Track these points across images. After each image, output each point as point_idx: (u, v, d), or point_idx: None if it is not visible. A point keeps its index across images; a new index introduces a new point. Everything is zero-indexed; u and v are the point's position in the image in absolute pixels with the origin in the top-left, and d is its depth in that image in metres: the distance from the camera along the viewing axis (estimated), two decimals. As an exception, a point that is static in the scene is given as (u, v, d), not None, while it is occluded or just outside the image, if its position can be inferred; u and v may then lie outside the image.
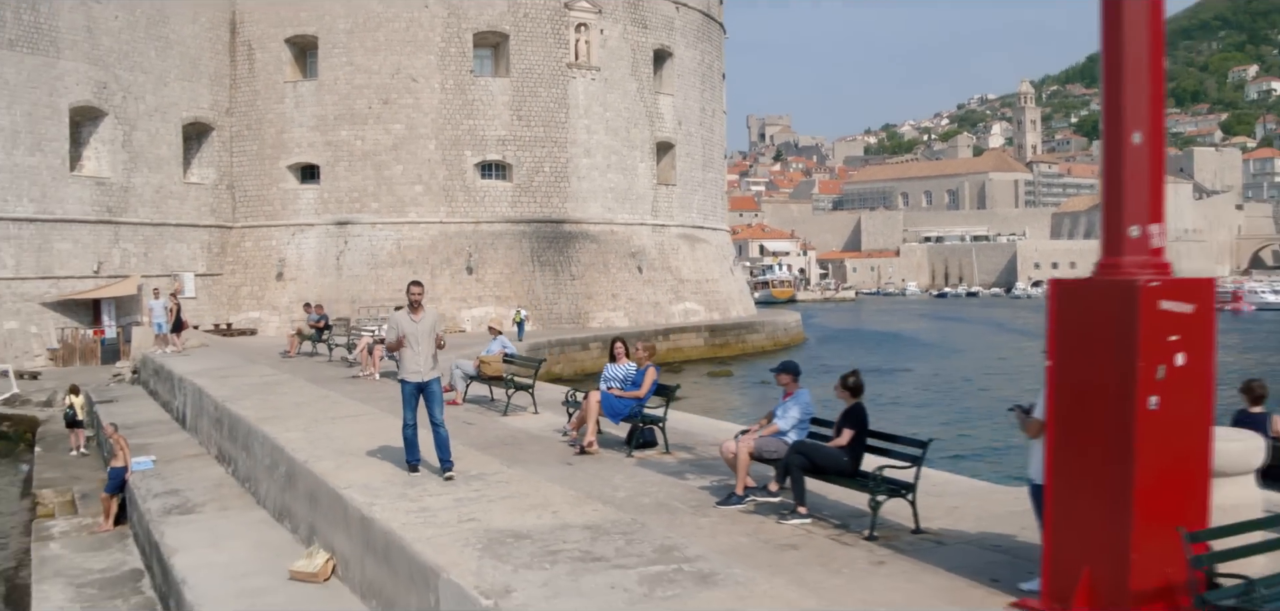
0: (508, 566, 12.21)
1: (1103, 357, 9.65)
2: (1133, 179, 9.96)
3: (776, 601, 10.91)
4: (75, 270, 66.83)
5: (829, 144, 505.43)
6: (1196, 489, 9.67)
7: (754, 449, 14.96)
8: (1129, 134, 9.95)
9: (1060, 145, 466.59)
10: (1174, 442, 9.42)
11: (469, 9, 75.89)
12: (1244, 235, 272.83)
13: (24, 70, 63.64)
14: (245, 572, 16.71)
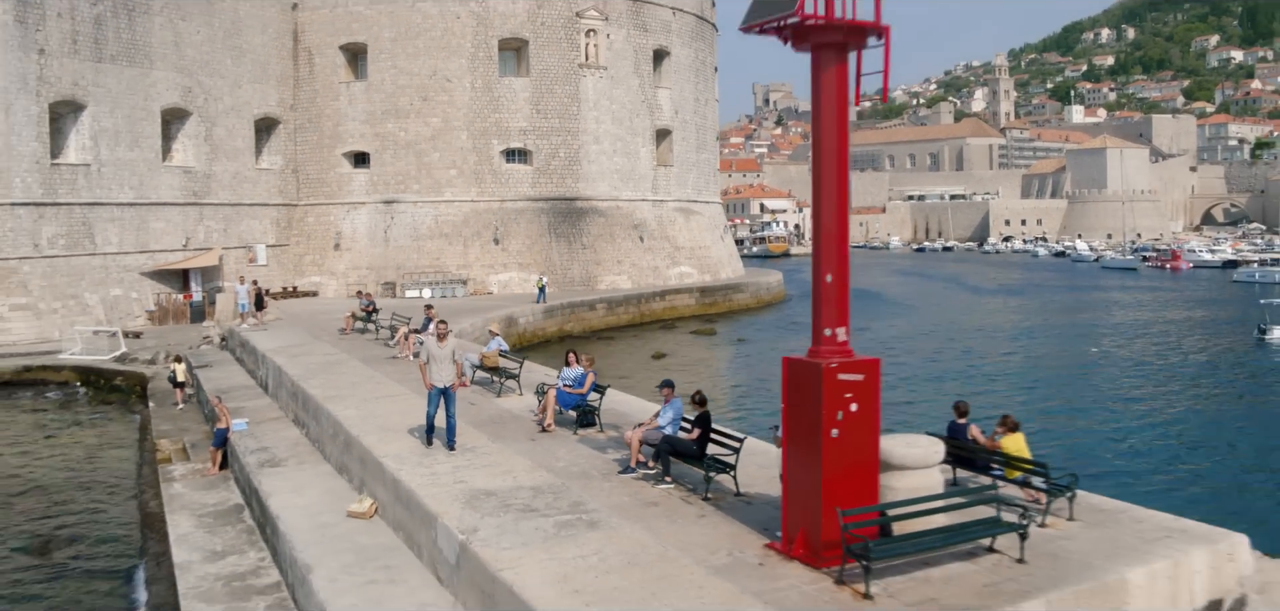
0: (478, 514, 17.67)
1: (810, 405, 14.88)
2: (826, 303, 15.26)
3: (628, 540, 16.26)
4: (167, 245, 72.45)
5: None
6: (866, 482, 14.92)
7: (642, 437, 20.25)
8: (824, 276, 15.24)
9: (1036, 108, 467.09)
10: (848, 456, 14.60)
11: (495, 19, 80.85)
12: (1197, 195, 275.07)
13: (124, 80, 69.09)
14: (318, 511, 22.17)
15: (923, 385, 52.54)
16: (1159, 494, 29.77)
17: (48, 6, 64.47)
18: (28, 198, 63.65)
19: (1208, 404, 47.53)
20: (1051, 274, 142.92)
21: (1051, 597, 13.03)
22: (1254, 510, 29.81)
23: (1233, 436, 40.36)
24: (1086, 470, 31.03)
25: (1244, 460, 36.43)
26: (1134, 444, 38.61)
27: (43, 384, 54.67)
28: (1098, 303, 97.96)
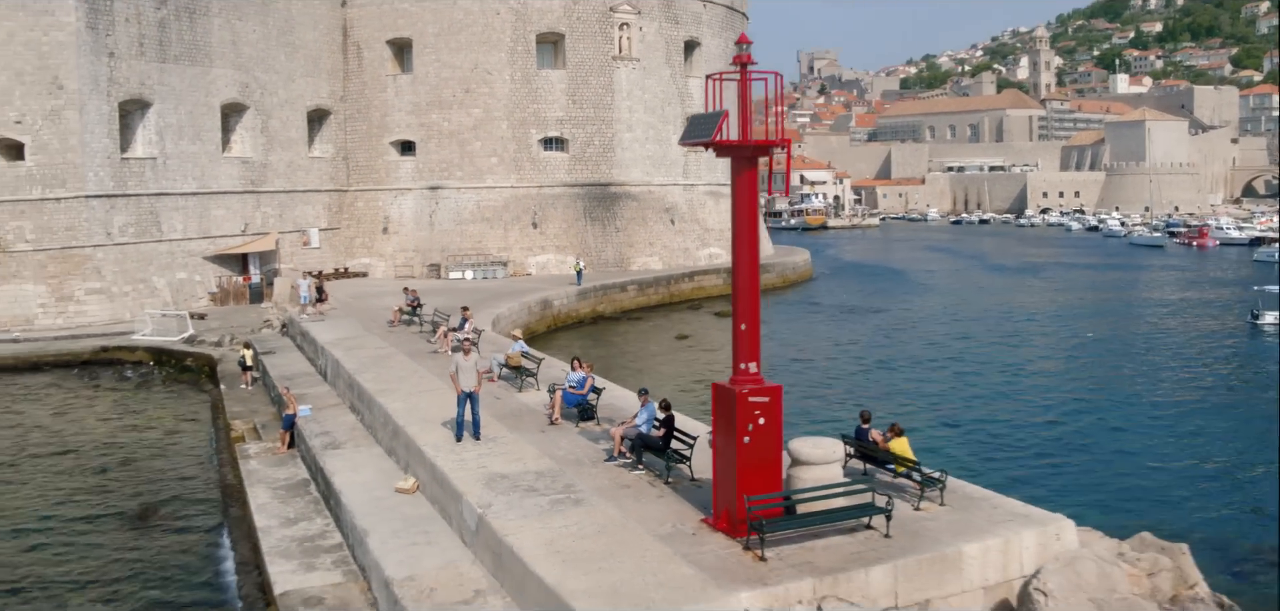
0: (493, 493, 22.56)
1: (729, 419, 19.57)
2: (742, 344, 19.86)
3: (601, 514, 21.09)
4: (227, 230, 77.96)
5: (869, 77, 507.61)
6: (771, 475, 19.55)
7: (622, 434, 25.02)
8: (740, 324, 19.93)
9: (1082, 77, 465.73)
10: (756, 457, 19.25)
11: (532, 14, 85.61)
12: (1238, 167, 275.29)
13: (186, 78, 74.49)
14: (371, 486, 27.12)
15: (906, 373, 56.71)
16: (1047, 485, 33.76)
17: (117, 12, 69.85)
18: (100, 190, 69.18)
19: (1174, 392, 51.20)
20: (1078, 250, 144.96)
21: (899, 564, 17.73)
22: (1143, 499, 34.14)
23: (1174, 427, 44.09)
24: (991, 463, 35.74)
25: (1165, 454, 40.29)
26: (1057, 436, 41.66)
27: (119, 363, 60.27)
28: (1112, 283, 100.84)
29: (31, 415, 48.03)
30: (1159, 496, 33.42)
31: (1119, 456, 38.20)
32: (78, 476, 36.83)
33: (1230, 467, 37.30)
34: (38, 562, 28.28)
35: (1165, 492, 33.89)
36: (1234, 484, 35.29)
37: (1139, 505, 31.93)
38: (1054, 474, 35.82)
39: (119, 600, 25.38)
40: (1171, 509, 32.02)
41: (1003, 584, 18.62)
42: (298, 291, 61.63)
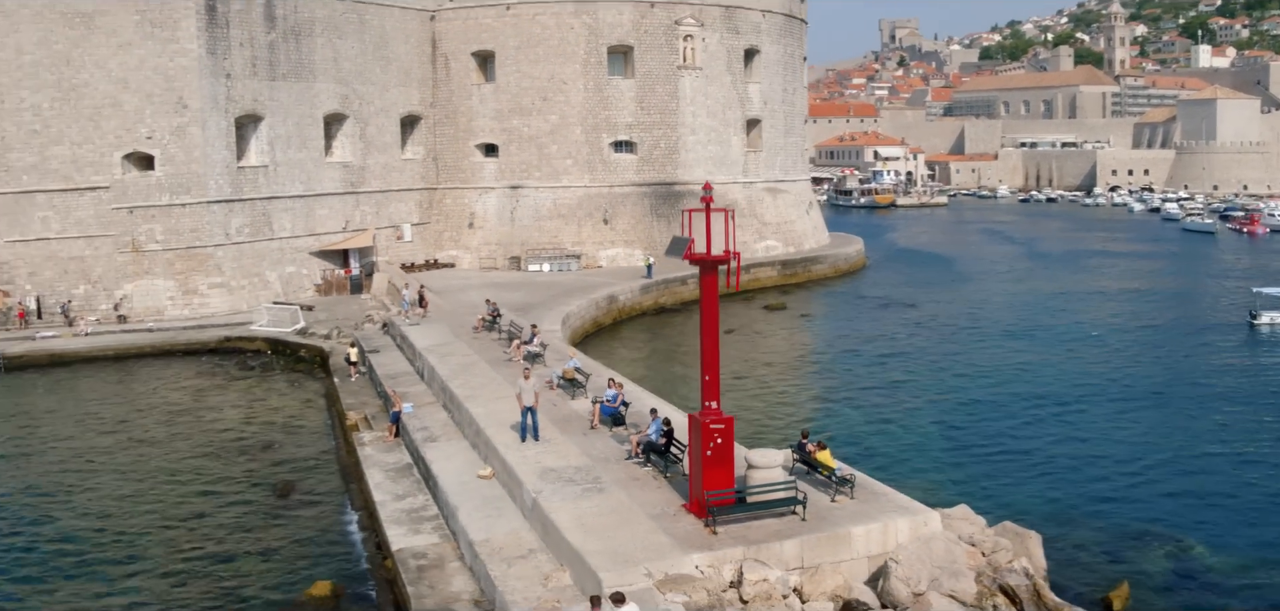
0: (544, 482, 31.56)
1: (697, 438, 28.11)
2: (707, 389, 28.59)
3: (616, 499, 29.96)
4: (330, 228, 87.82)
5: (947, 49, 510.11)
6: (725, 476, 28.00)
7: (638, 440, 33.78)
8: (706, 376, 28.61)
9: (1165, 46, 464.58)
10: (715, 464, 27.74)
11: (604, 29, 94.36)
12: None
13: (293, 93, 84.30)
14: (460, 472, 36.15)
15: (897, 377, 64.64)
16: (979, 483, 41.13)
17: (232, 38, 79.73)
18: (220, 196, 79.29)
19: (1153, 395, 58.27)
20: (1129, 236, 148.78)
21: (806, 539, 26.38)
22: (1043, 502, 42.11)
23: (1143, 430, 51.66)
24: (905, 466, 43.34)
25: (1120, 457, 48.03)
26: (1010, 440, 48.23)
27: (241, 352, 70.29)
28: (1146, 273, 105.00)
29: (176, 400, 58.04)
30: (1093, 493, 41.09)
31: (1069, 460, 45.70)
32: (225, 457, 46.50)
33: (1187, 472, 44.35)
34: (205, 526, 37.85)
35: (1101, 489, 41.54)
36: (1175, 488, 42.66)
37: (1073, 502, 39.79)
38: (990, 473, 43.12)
39: (274, 555, 34.76)
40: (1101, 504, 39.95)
41: (881, 554, 27.07)
42: (400, 295, 70.32)
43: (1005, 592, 25.36)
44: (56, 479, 44.63)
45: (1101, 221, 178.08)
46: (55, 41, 76.80)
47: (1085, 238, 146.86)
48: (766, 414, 52.49)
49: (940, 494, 38.11)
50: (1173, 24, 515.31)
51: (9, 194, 77.86)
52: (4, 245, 78.75)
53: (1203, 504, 39.03)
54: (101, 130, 77.41)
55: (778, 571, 25.11)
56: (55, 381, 64.30)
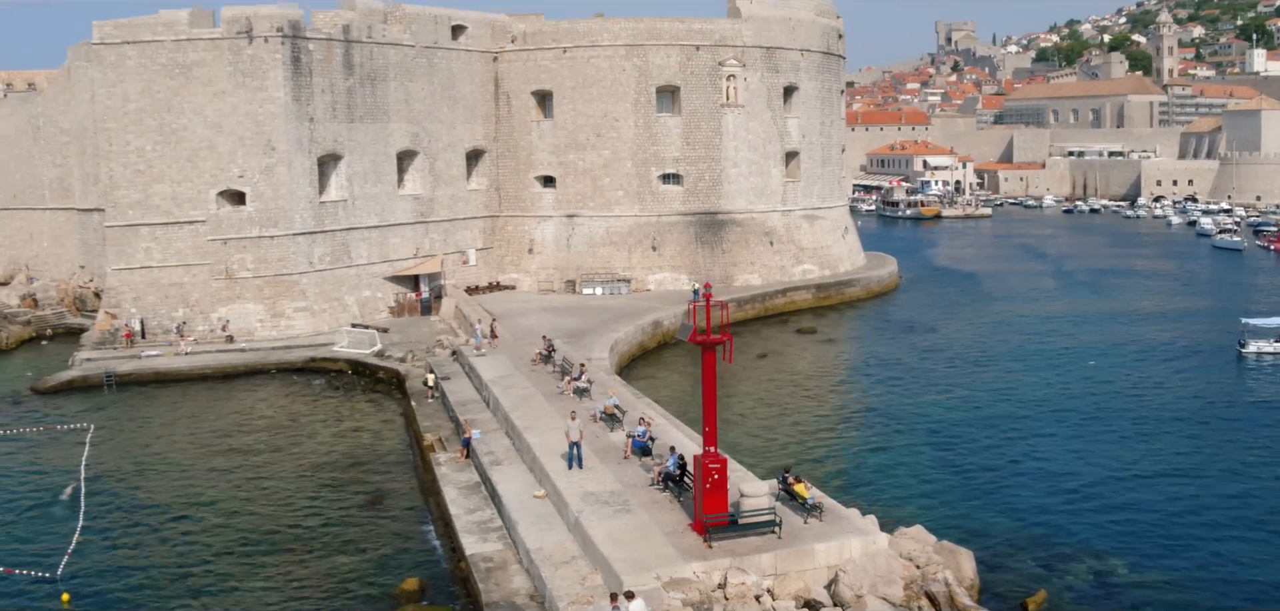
0: (584, 503, 39.95)
1: (699, 473, 36.45)
2: (707, 437, 36.97)
3: (639, 518, 38.28)
4: (402, 254, 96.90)
5: (1001, 54, 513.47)
6: (722, 502, 36.18)
7: (660, 470, 41.99)
8: (707, 426, 36.95)
9: (1222, 48, 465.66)
10: (712, 493, 35.90)
11: (653, 70, 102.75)
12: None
13: (369, 133, 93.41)
14: (519, 492, 44.64)
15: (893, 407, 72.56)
16: (925, 503, 49.69)
17: (315, 86, 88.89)
18: (304, 228, 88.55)
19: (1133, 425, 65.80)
20: (1158, 253, 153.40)
21: (779, 552, 34.61)
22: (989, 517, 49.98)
23: (1122, 460, 59.38)
24: (887, 489, 51.28)
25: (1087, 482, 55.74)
26: (973, 464, 58.13)
27: (324, 371, 79.35)
28: (1164, 292, 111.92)
29: (273, 418, 67.18)
30: (1044, 513, 49.00)
31: (1030, 483, 53.64)
32: (322, 470, 55.50)
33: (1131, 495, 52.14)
34: (310, 530, 46.75)
35: (1052, 509, 49.40)
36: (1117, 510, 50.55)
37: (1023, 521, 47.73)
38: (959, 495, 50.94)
39: (370, 555, 43.51)
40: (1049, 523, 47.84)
41: (836, 565, 35.19)
42: (473, 327, 78.58)
43: (929, 597, 33.51)
44: (179, 488, 53.93)
45: (1136, 235, 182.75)
46: (157, 90, 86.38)
47: (1113, 254, 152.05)
48: (778, 438, 60.61)
49: (907, 513, 46.11)
50: (1230, 25, 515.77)
51: (116, 227, 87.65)
52: (112, 273, 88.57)
53: (1136, 525, 46.55)
54: (198, 170, 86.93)
55: (754, 577, 33.36)
56: (163, 398, 73.76)
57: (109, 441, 63.51)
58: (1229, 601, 39.01)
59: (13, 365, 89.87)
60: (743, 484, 37.38)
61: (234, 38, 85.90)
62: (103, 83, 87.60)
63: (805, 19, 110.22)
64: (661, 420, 51.81)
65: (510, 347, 72.17)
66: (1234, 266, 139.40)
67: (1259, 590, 39.95)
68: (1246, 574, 41.32)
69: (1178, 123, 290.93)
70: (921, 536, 38.16)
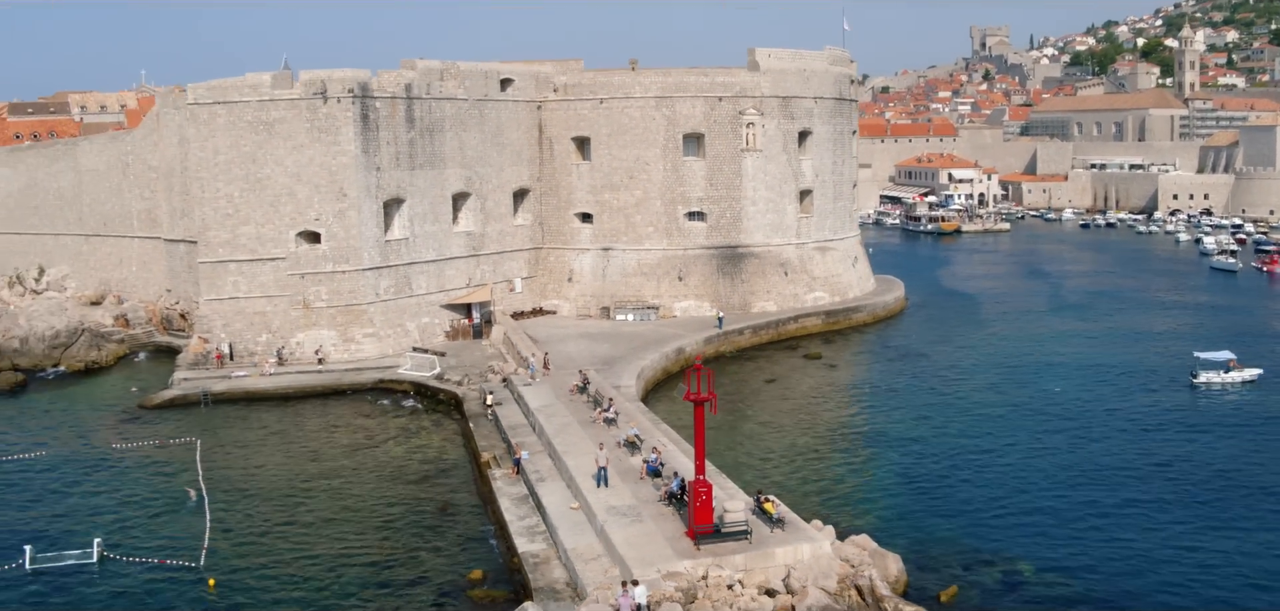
0: (608, 515, 52.49)
1: (692, 494, 49.17)
2: (698, 466, 49.64)
3: (647, 527, 50.83)
4: (456, 284, 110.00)
5: (1032, 62, 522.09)
6: (708, 515, 48.55)
7: (666, 489, 54.52)
8: (698, 461, 49.64)
9: (1255, 53, 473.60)
10: (700, 508, 48.29)
11: (680, 119, 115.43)
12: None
13: (428, 179, 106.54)
14: (560, 505, 57.23)
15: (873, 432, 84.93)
16: (879, 514, 62.63)
17: (381, 139, 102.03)
18: (372, 264, 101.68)
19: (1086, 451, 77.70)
20: (1157, 274, 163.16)
21: (748, 554, 46.95)
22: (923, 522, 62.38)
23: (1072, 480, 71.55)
24: (852, 502, 63.81)
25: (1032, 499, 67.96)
26: (926, 486, 70.39)
27: (391, 392, 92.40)
28: (1146, 318, 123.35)
29: (350, 435, 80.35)
30: (976, 523, 61.36)
31: (972, 496, 65.96)
32: (398, 481, 68.65)
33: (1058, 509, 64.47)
34: (392, 530, 59.77)
35: (984, 520, 61.73)
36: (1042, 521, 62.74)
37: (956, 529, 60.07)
38: (910, 509, 63.58)
39: (442, 552, 56.46)
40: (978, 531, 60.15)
41: (790, 564, 47.57)
42: (525, 359, 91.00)
43: (857, 590, 46.06)
44: (281, 492, 67.34)
45: (1141, 253, 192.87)
46: (244, 144, 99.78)
47: (1111, 276, 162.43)
48: (772, 455, 73.09)
49: (863, 522, 58.14)
50: (1265, 29, 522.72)
51: (208, 263, 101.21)
52: (204, 303, 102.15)
53: (1051, 533, 58.55)
54: (279, 213, 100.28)
55: (728, 572, 45.97)
56: (252, 415, 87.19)
57: (215, 452, 76.99)
58: (1109, 595, 51.30)
59: (112, 381, 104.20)
60: (726, 502, 49.92)
61: (311, 98, 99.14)
62: (196, 138, 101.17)
63: (819, 69, 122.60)
64: (672, 446, 64.36)
65: (552, 378, 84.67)
66: (1225, 289, 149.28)
67: (1146, 586, 52.11)
68: (1139, 578, 53.10)
69: (1199, 135, 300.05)
70: (864, 542, 50.67)
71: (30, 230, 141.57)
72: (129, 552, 58.70)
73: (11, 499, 69.03)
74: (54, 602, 53.79)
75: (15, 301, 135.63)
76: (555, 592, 48.27)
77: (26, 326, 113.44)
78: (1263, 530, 58.90)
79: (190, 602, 52.71)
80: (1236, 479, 67.52)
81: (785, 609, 44.71)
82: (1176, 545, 57.11)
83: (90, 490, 70.33)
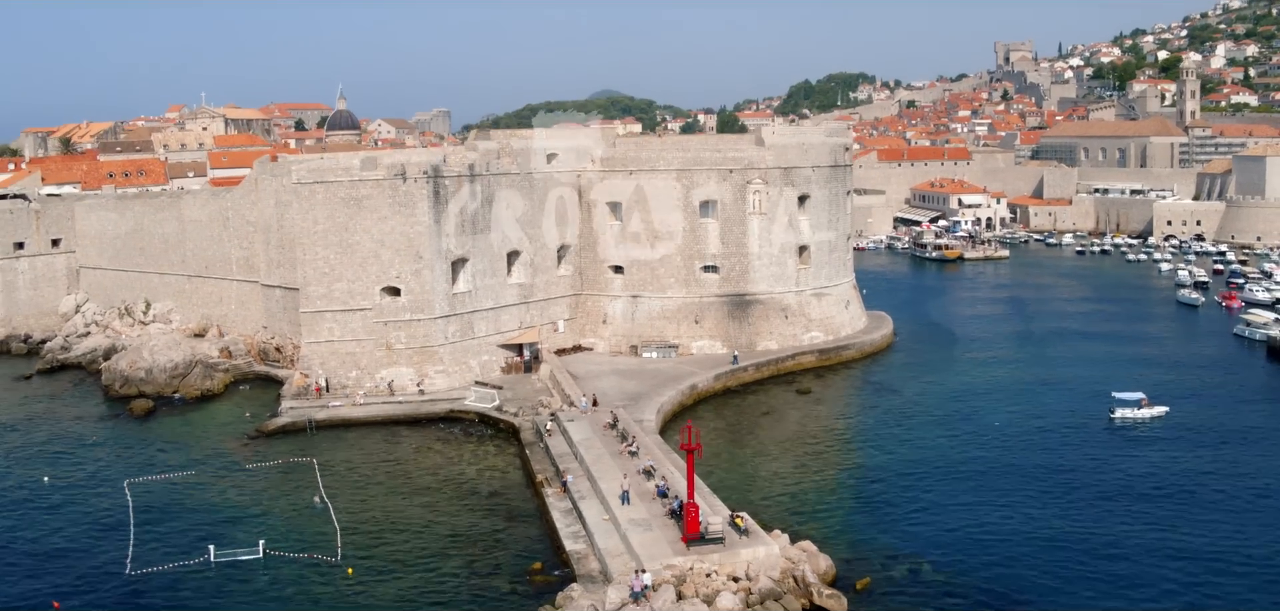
0: (629, 524, 75.88)
1: (685, 515, 72.75)
2: (690, 491, 73.34)
3: (656, 534, 74.35)
4: (509, 328, 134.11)
5: (1048, 85, 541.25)
6: (695, 526, 71.91)
7: (669, 507, 77.95)
8: (691, 489, 73.33)
9: (1273, 70, 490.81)
10: (691, 521, 71.62)
11: (697, 189, 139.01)
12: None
13: (486, 241, 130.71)
14: (595, 516, 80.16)
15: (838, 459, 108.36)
16: (828, 524, 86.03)
17: (449, 209, 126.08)
18: (442, 313, 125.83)
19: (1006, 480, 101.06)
20: (1124, 309, 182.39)
21: (721, 553, 70.14)
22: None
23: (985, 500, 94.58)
24: (806, 516, 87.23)
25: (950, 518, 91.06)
26: (872, 498, 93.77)
27: (459, 421, 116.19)
28: (1096, 355, 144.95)
29: (431, 458, 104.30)
30: (899, 531, 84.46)
31: (898, 508, 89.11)
32: (474, 497, 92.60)
33: (969, 522, 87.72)
34: (473, 533, 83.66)
35: (907, 530, 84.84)
36: (951, 532, 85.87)
37: (883, 537, 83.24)
38: (853, 522, 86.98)
39: (509, 549, 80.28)
40: (900, 538, 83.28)
41: (749, 561, 70.69)
42: (574, 400, 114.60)
43: (794, 580, 69.58)
44: (384, 501, 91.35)
45: (1122, 283, 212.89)
46: (338, 216, 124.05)
47: (1083, 311, 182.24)
48: (757, 476, 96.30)
49: (812, 529, 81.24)
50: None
51: (309, 312, 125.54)
52: (305, 345, 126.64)
53: (958, 539, 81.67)
54: (367, 272, 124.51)
55: (707, 565, 69.52)
56: (348, 438, 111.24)
57: (327, 469, 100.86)
58: (984, 583, 74.53)
59: (226, 408, 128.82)
60: (710, 517, 73.40)
61: (392, 179, 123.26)
62: (299, 209, 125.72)
63: (816, 142, 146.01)
64: (676, 473, 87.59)
65: (590, 415, 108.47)
66: (1183, 324, 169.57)
67: (1026, 578, 75.35)
68: (1013, 568, 76.21)
69: (1198, 161, 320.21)
70: (807, 546, 74.10)
71: (136, 269, 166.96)
72: (283, 548, 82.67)
73: (181, 508, 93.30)
74: (235, 588, 77.39)
75: (126, 330, 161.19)
76: (592, 577, 71.96)
77: (150, 359, 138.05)
78: (1153, 531, 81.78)
79: (338, 586, 76.64)
80: (1129, 493, 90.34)
81: (744, 591, 68.25)
82: (1047, 542, 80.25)
83: (237, 500, 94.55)
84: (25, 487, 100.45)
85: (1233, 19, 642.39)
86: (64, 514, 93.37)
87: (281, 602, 74.88)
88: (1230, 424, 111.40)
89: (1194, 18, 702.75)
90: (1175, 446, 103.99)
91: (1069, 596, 72.19)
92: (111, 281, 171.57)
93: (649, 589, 66.51)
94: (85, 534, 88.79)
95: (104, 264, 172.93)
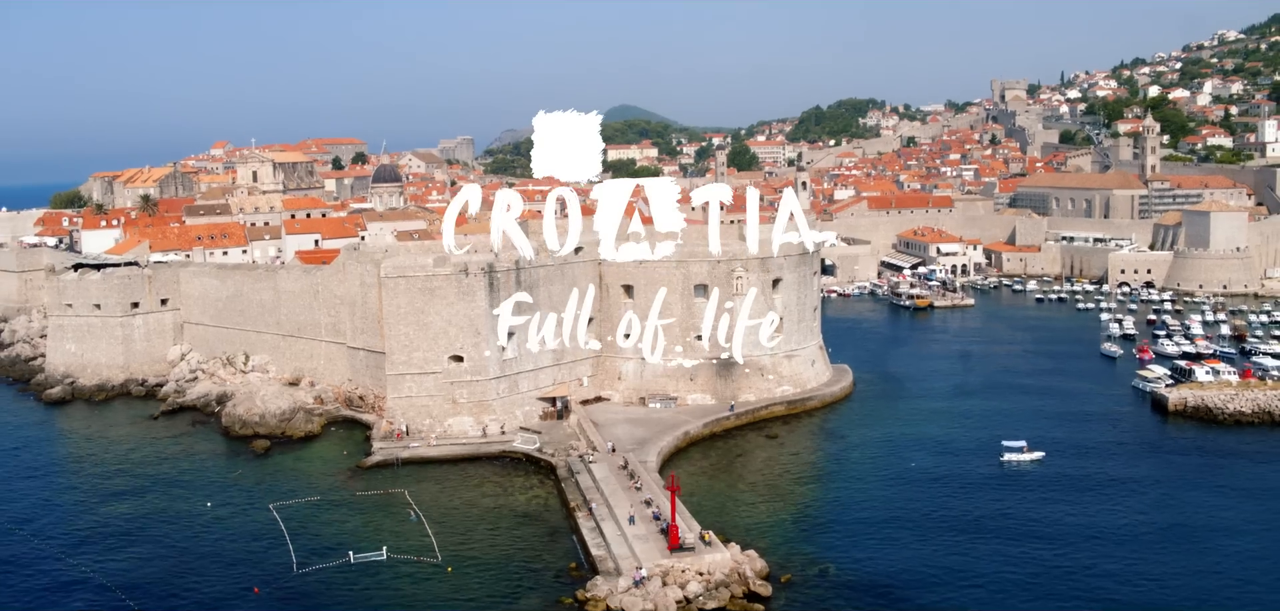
0: (637, 540, 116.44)
1: (671, 532, 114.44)
2: (672, 518, 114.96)
3: (650, 544, 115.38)
4: (546, 384, 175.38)
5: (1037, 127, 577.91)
6: (675, 540, 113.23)
7: (660, 527, 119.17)
8: (672, 509, 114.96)
9: (1254, 109, 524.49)
10: (674, 539, 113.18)
11: (692, 274, 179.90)
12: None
13: (529, 317, 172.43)
14: (612, 534, 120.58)
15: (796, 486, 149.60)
16: (776, 535, 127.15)
17: (501, 294, 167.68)
18: (494, 375, 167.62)
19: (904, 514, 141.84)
20: (1053, 361, 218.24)
21: (692, 558, 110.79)
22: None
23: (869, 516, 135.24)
24: (757, 530, 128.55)
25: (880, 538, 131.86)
26: (809, 517, 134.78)
27: (509, 458, 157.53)
28: (1014, 406, 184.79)
29: (490, 489, 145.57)
30: (823, 542, 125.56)
31: (829, 523, 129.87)
32: (527, 517, 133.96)
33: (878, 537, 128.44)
34: (527, 543, 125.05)
35: (828, 542, 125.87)
36: (861, 543, 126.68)
37: (811, 546, 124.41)
38: (794, 535, 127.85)
39: (553, 555, 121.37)
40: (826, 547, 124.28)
41: (709, 563, 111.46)
42: (595, 446, 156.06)
43: (738, 575, 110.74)
44: (460, 521, 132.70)
45: (1064, 334, 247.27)
46: (416, 302, 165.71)
47: (1020, 363, 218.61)
48: (727, 504, 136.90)
49: (758, 540, 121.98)
50: (1269, 81, 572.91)
51: (393, 374, 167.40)
52: (390, 399, 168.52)
53: (867, 547, 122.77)
54: (437, 345, 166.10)
55: (683, 565, 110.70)
56: (426, 472, 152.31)
57: (415, 494, 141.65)
58: (878, 581, 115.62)
59: (325, 447, 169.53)
60: (686, 533, 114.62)
61: (457, 274, 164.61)
62: (386, 296, 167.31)
63: (789, 239, 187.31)
64: (666, 504, 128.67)
65: (608, 458, 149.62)
66: (1097, 377, 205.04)
67: (912, 580, 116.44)
68: (909, 575, 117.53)
69: (1157, 211, 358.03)
70: (751, 554, 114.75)
71: (236, 326, 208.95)
72: (398, 552, 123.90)
73: (317, 523, 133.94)
74: (367, 582, 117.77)
75: (230, 378, 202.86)
76: (609, 572, 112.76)
77: (263, 405, 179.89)
78: (1011, 544, 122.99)
79: (443, 580, 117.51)
80: (999, 516, 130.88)
81: (706, 581, 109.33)
82: (938, 560, 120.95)
83: (356, 517, 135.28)
84: (193, 511, 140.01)
85: (1224, 53, 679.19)
86: (231, 526, 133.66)
87: (415, 585, 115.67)
88: (1094, 471, 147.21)
89: (1192, 47, 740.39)
90: (1045, 487, 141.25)
91: (934, 592, 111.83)
92: (212, 335, 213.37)
93: (645, 579, 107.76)
94: (252, 542, 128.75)
95: (206, 321, 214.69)
